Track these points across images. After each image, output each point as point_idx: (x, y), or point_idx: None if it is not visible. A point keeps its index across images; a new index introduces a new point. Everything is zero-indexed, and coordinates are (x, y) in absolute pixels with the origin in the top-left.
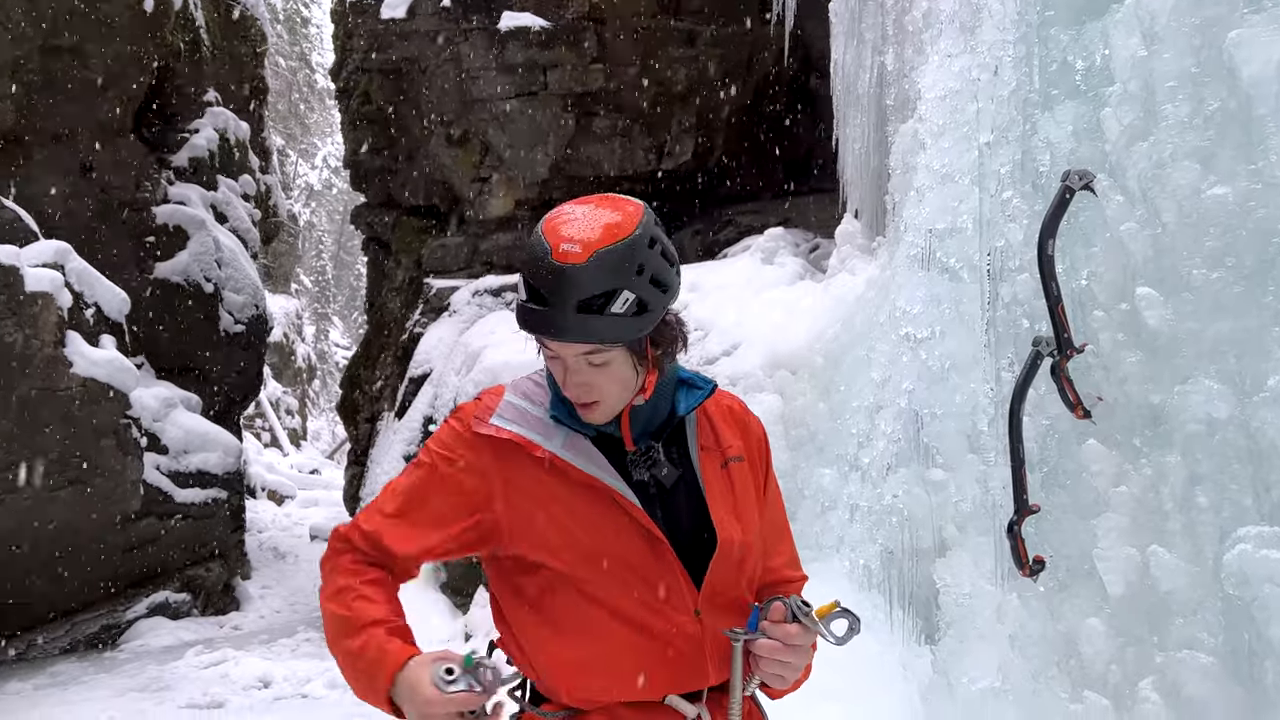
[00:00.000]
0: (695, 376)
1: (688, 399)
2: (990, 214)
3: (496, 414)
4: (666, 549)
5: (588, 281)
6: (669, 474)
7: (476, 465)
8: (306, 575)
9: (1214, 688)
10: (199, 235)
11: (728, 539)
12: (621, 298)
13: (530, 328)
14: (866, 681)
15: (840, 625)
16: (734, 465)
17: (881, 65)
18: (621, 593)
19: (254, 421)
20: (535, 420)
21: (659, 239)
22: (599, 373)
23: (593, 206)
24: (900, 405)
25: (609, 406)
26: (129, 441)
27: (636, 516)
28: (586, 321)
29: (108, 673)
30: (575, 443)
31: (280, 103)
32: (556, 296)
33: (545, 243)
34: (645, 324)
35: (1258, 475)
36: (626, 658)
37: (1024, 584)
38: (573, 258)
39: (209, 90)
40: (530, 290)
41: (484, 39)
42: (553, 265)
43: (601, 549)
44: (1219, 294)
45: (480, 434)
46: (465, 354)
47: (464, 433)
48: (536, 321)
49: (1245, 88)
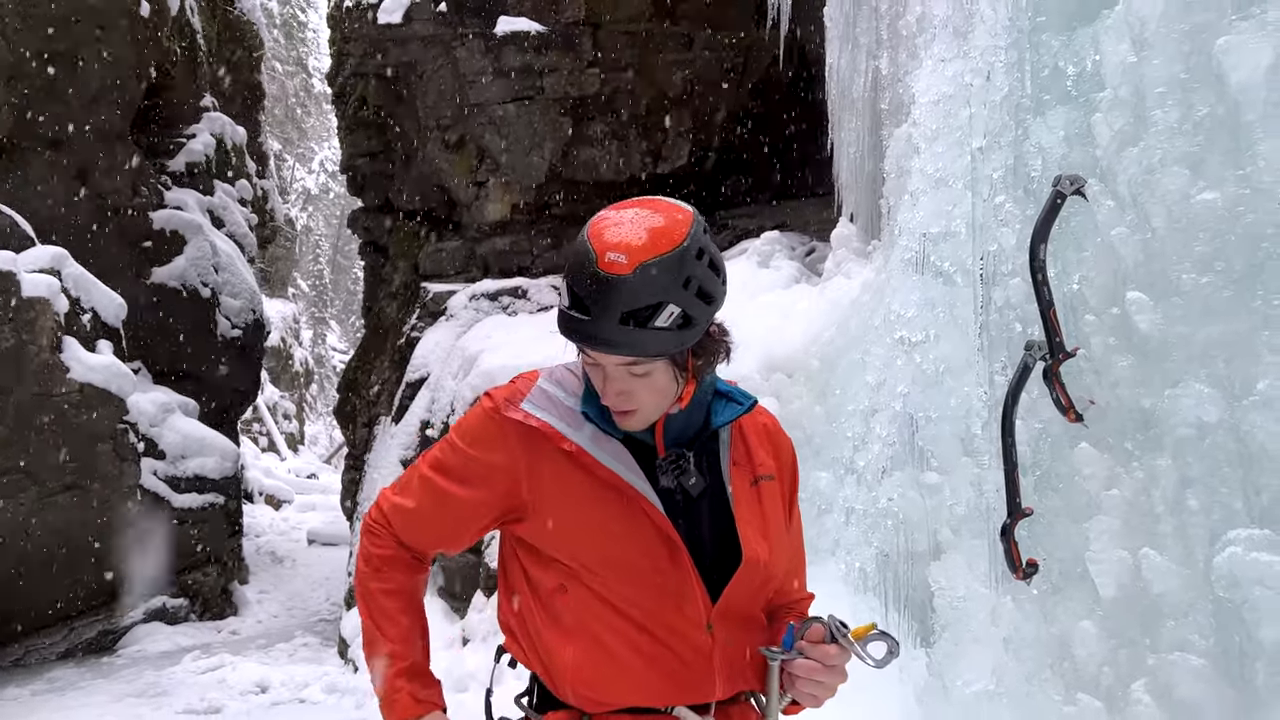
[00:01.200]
0: (735, 390)
1: (725, 412)
2: (983, 218)
3: (528, 399)
4: (685, 558)
5: (633, 294)
6: (697, 483)
7: (504, 450)
8: (304, 580)
9: (1205, 689)
10: (196, 240)
11: (753, 557)
12: (666, 311)
13: (572, 336)
14: (862, 684)
15: (879, 648)
16: (764, 484)
17: (876, 69)
18: (634, 598)
19: (251, 426)
20: (566, 410)
21: (707, 249)
22: (639, 382)
23: (641, 211)
24: (895, 409)
25: (646, 415)
26: (126, 446)
27: (658, 522)
28: (630, 334)
29: (105, 678)
30: (603, 439)
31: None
32: (600, 307)
33: (591, 250)
34: (689, 337)
35: (1247, 478)
36: (634, 664)
37: (1018, 587)
38: (619, 268)
39: (206, 95)
40: (573, 298)
41: (480, 44)
42: (598, 274)
43: (619, 551)
44: (1208, 298)
45: (510, 418)
46: (462, 358)
47: (494, 415)
48: (579, 330)
49: (1233, 94)
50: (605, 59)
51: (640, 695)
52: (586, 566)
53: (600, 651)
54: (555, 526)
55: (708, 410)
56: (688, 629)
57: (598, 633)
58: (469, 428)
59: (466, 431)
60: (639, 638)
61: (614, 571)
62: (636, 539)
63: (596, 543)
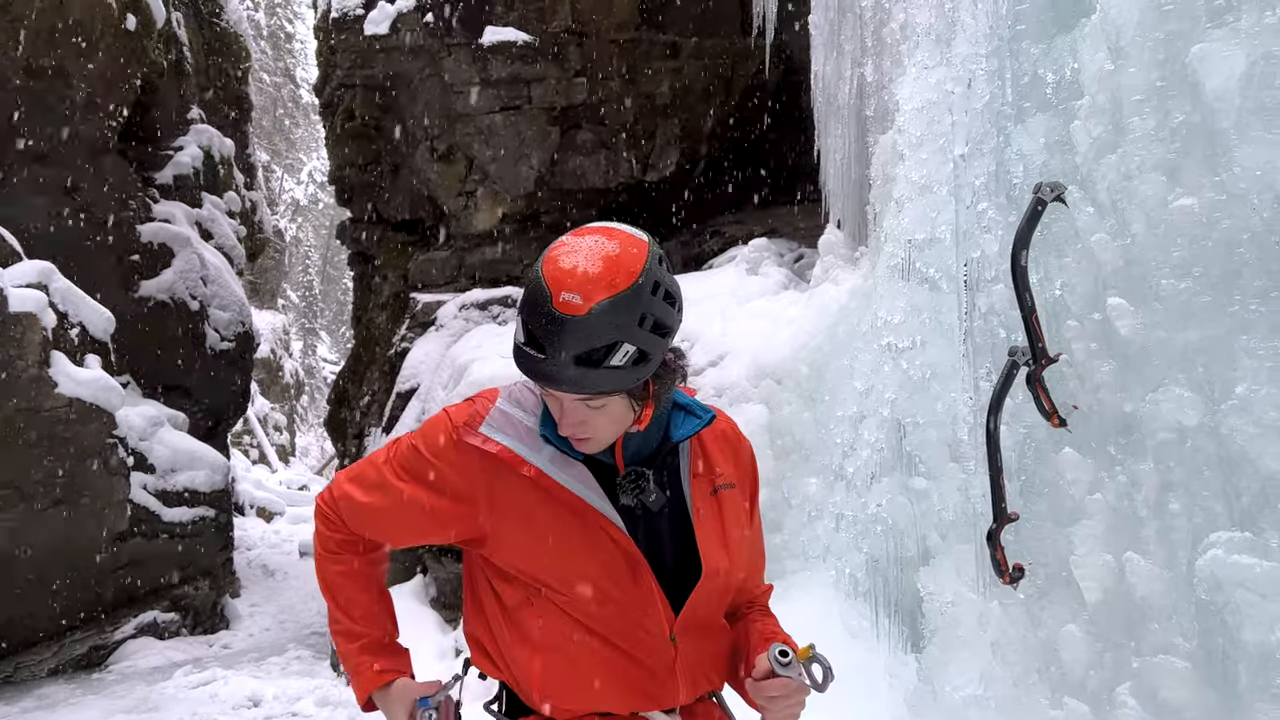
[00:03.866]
0: (694, 403)
1: (683, 426)
2: (966, 225)
3: (486, 422)
4: (647, 573)
5: (587, 335)
6: (657, 499)
7: (464, 473)
8: (296, 592)
9: (1189, 692)
10: (184, 253)
11: (713, 569)
12: (622, 350)
13: (529, 374)
14: (852, 690)
15: (817, 670)
16: (724, 492)
17: (861, 77)
18: (598, 614)
19: (242, 438)
20: (525, 431)
21: (662, 282)
22: (595, 413)
23: (599, 239)
24: (883, 414)
25: (602, 440)
26: (115, 461)
27: (620, 541)
28: (585, 374)
29: (96, 694)
30: (563, 461)
31: (265, 119)
32: (554, 347)
33: (545, 287)
34: (644, 372)
35: (1228, 482)
36: (600, 675)
37: (1005, 592)
38: (573, 309)
39: (193, 107)
40: (528, 334)
41: (467, 54)
42: (553, 314)
43: (581, 569)
44: (1187, 303)
45: (469, 444)
46: (452, 368)
47: (453, 439)
48: (534, 369)
49: (1208, 101)
50: (592, 68)
51: (607, 703)
52: (550, 585)
53: (567, 664)
54: (517, 549)
55: (666, 425)
56: (651, 641)
57: (563, 646)
58: (432, 439)
59: (430, 442)
60: (604, 651)
61: (577, 589)
62: (598, 557)
63: (559, 563)
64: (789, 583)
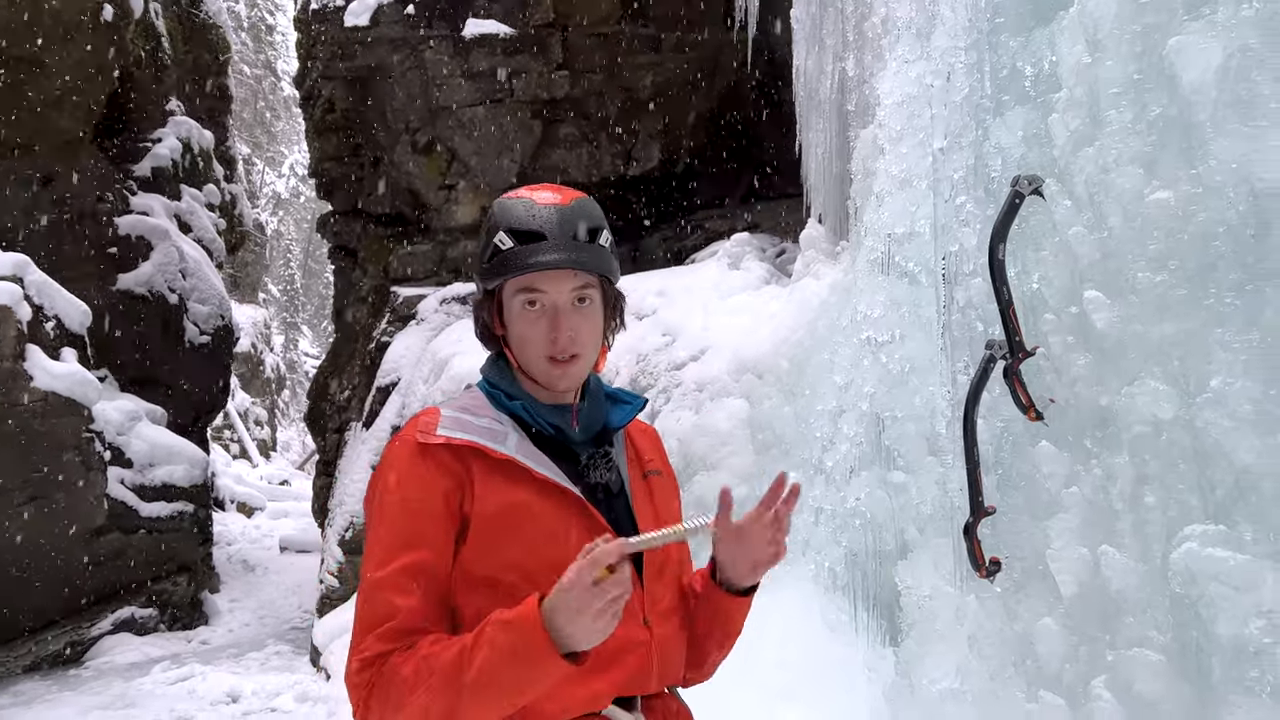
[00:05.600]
0: (621, 392)
1: (620, 413)
2: (945, 219)
3: (441, 427)
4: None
5: (575, 216)
6: (615, 479)
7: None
8: (276, 587)
9: (1163, 685)
10: (162, 246)
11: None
12: (604, 235)
13: (529, 266)
14: (831, 684)
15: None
16: (653, 478)
17: (842, 71)
18: None
19: (223, 433)
20: (482, 429)
21: None
22: (583, 319)
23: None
24: (862, 409)
25: (584, 364)
26: (92, 455)
27: (595, 520)
28: (586, 249)
29: (73, 690)
30: (526, 448)
31: (246, 111)
32: (554, 230)
33: (521, 199)
34: (618, 267)
35: (1202, 475)
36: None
37: (982, 585)
38: (556, 203)
39: (171, 99)
40: (521, 235)
41: (448, 46)
42: (542, 210)
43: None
44: (1163, 296)
45: (434, 444)
46: (433, 362)
47: (418, 451)
48: (537, 257)
49: (1185, 94)
50: (574, 61)
51: (586, 704)
52: (527, 575)
53: None
54: (494, 538)
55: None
56: (630, 626)
57: None
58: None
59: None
60: None
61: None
62: (575, 539)
63: (536, 548)
64: (769, 576)
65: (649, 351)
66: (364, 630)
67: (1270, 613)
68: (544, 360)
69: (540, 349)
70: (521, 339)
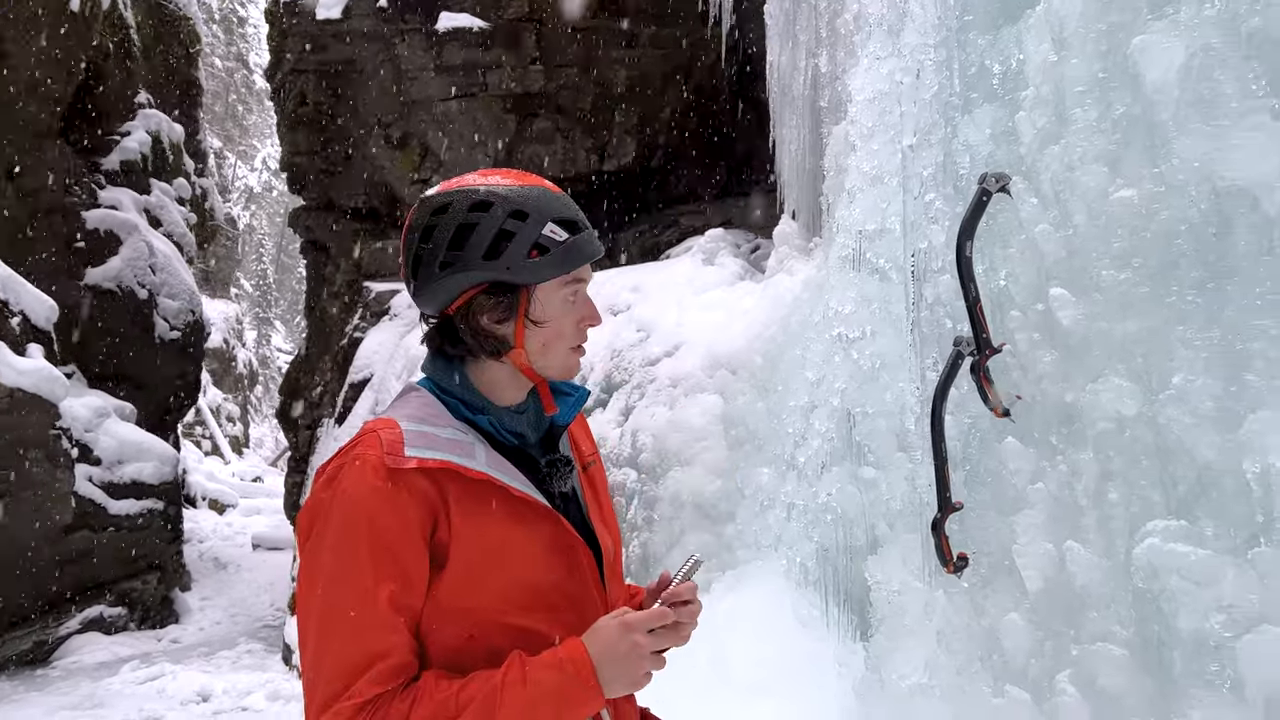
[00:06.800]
0: (557, 383)
1: (565, 407)
2: (914, 216)
3: (408, 446)
4: (592, 563)
5: None
6: (571, 484)
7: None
8: (248, 585)
9: (1126, 679)
10: (131, 240)
11: (604, 547)
12: None
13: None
14: (803, 680)
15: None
16: (592, 469)
17: (815, 67)
18: (551, 620)
19: (194, 429)
20: (449, 443)
21: None
22: None
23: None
24: (834, 404)
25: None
26: (59, 453)
27: (565, 531)
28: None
29: (39, 690)
30: (495, 460)
31: (217, 104)
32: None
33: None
34: None
35: (1165, 471)
36: None
37: (950, 581)
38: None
39: (141, 92)
40: (570, 225)
41: (421, 39)
42: (566, 199)
43: (530, 571)
44: (1126, 294)
45: (405, 468)
46: (406, 358)
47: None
48: (594, 243)
49: (1148, 93)
50: (549, 56)
51: None
52: (506, 600)
53: None
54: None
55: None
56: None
57: None
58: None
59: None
60: None
61: (527, 591)
62: (552, 556)
63: (517, 573)
64: (742, 572)
65: (624, 347)
66: (352, 671)
67: (1230, 607)
68: (571, 352)
69: (571, 340)
70: (557, 334)
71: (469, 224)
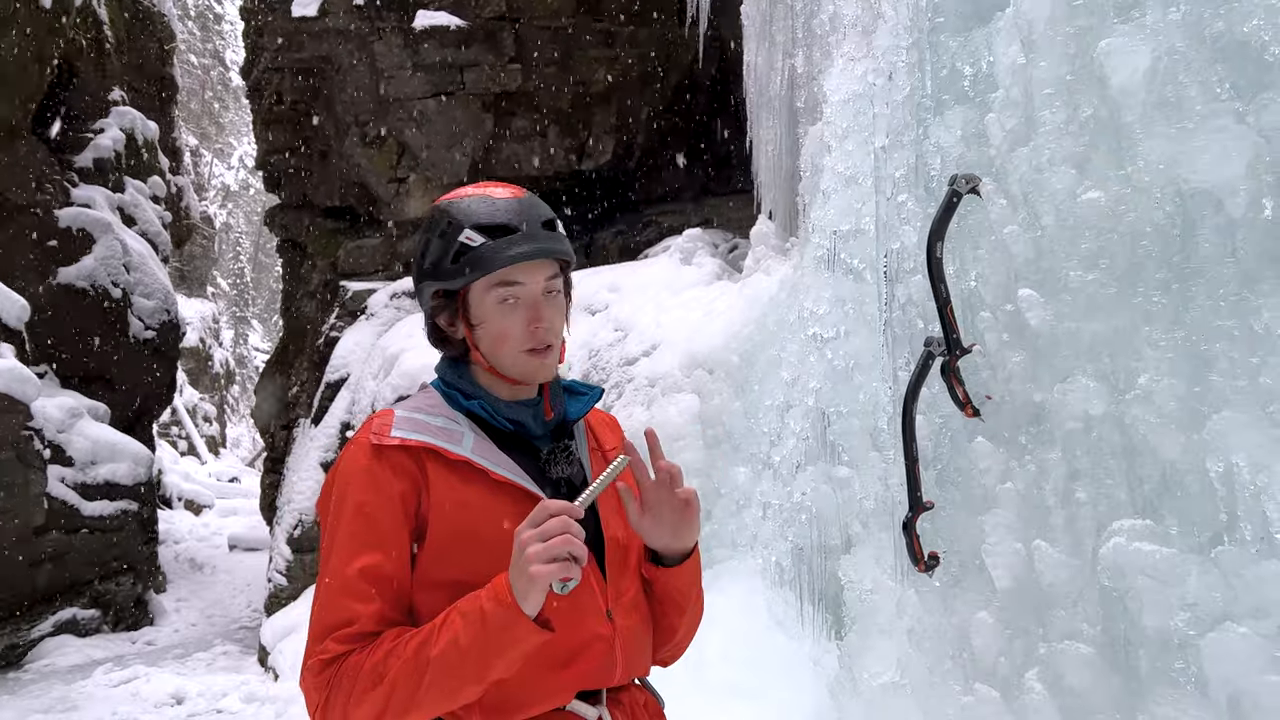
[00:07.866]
0: (576, 384)
1: (578, 404)
2: (886, 217)
3: (395, 428)
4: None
5: (538, 208)
6: (577, 473)
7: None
8: (225, 586)
9: (1093, 677)
10: (105, 239)
11: (612, 538)
12: (558, 222)
13: (501, 260)
14: (778, 678)
15: None
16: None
17: (792, 68)
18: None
19: (170, 430)
20: (437, 429)
21: None
22: (556, 308)
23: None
24: (808, 404)
25: (557, 352)
26: (31, 454)
27: None
28: (554, 238)
29: (11, 694)
30: (486, 447)
31: (193, 101)
32: (523, 221)
33: (478, 198)
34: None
35: (1131, 470)
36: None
37: (922, 579)
38: (514, 196)
39: (114, 89)
40: (489, 230)
41: (399, 38)
42: (504, 203)
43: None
44: (1094, 295)
45: (390, 445)
46: (383, 358)
47: (374, 454)
48: (512, 250)
49: (1115, 95)
50: (527, 55)
51: (549, 700)
52: (478, 571)
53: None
54: (453, 542)
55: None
56: (590, 620)
57: None
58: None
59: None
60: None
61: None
62: None
63: (495, 550)
64: (718, 571)
65: (601, 347)
66: (322, 634)
67: (1194, 605)
68: (523, 354)
69: (519, 343)
70: (499, 336)
71: (424, 237)
